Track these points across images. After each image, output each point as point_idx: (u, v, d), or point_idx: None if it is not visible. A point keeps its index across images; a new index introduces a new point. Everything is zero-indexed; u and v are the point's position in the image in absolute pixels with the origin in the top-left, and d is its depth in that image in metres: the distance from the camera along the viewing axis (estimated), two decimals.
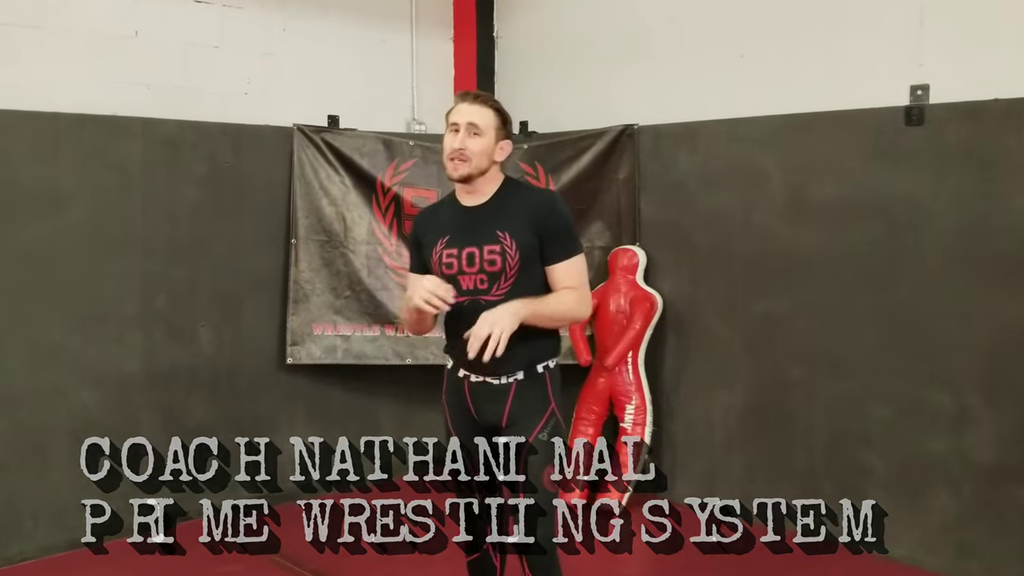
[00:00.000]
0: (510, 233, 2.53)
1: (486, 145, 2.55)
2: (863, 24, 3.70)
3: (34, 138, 3.78)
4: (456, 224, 2.61)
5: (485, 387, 2.57)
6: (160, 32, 4.12)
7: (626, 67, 4.57)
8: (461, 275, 2.56)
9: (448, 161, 2.56)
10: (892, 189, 3.62)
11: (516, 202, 2.60)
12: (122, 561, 3.19)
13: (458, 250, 2.56)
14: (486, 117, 2.57)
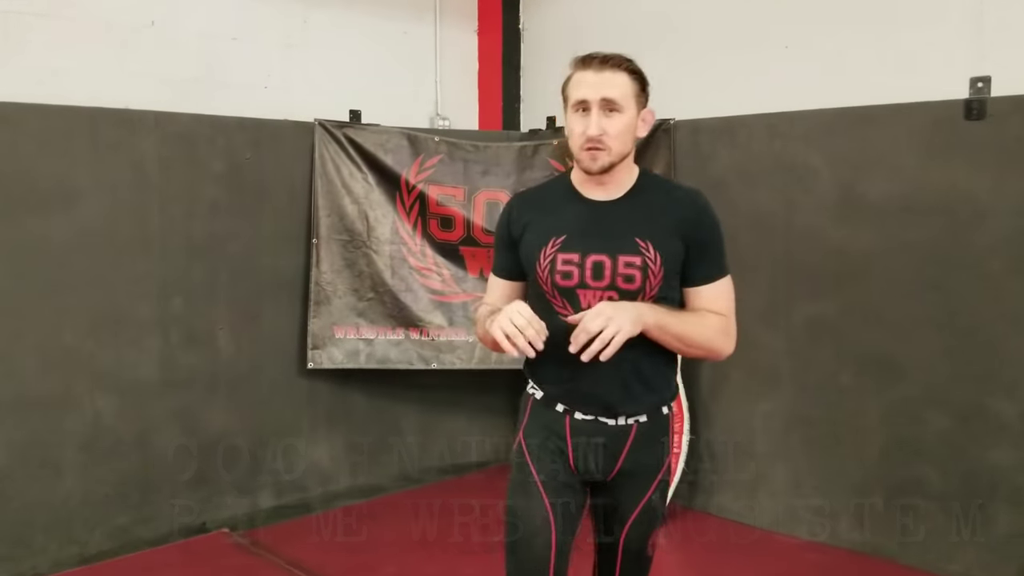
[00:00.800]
0: (653, 243, 2.03)
1: (628, 123, 2.04)
2: (919, 12, 3.50)
3: (45, 132, 3.60)
4: (578, 221, 2.09)
5: (595, 428, 2.07)
6: (177, 22, 3.95)
7: (661, 58, 4.35)
8: (582, 289, 2.05)
9: (583, 152, 2.03)
10: (950, 187, 3.43)
11: (659, 201, 2.10)
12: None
13: (581, 256, 2.05)
14: (623, 86, 2.03)
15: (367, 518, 4.26)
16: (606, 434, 2.08)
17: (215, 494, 4.15)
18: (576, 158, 2.06)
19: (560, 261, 2.06)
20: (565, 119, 2.10)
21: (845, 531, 3.80)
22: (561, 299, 2.07)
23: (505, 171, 4.50)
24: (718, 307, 2.10)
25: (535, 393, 2.18)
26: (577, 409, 2.09)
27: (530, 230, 2.14)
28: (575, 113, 2.05)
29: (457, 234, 4.47)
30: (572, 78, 2.06)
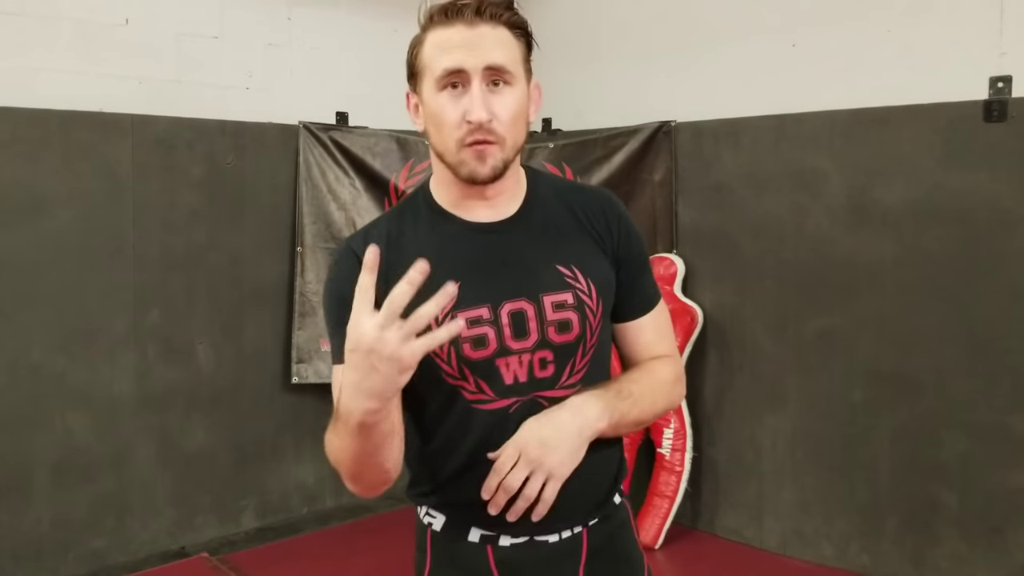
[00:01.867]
0: (580, 268, 1.47)
1: (522, 101, 1.44)
2: (935, 7, 3.32)
3: (12, 136, 3.41)
4: (467, 260, 1.44)
5: (532, 554, 1.46)
6: (153, 20, 3.75)
7: (662, 59, 4.19)
8: (503, 357, 1.41)
9: (464, 149, 1.38)
10: (969, 192, 3.23)
11: (568, 209, 1.52)
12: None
13: (492, 308, 1.42)
14: (510, 46, 1.43)
15: (354, 539, 4.08)
16: (549, 558, 1.46)
17: (194, 516, 3.96)
18: (452, 162, 1.40)
19: (464, 322, 1.35)
20: (421, 104, 1.45)
21: (855, 554, 3.61)
22: (474, 380, 1.41)
23: None
24: (665, 345, 1.58)
25: (433, 522, 1.52)
26: (501, 531, 1.45)
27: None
28: (441, 92, 1.39)
29: None
30: (429, 39, 1.42)
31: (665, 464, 3.96)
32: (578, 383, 1.45)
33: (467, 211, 1.48)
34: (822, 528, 3.72)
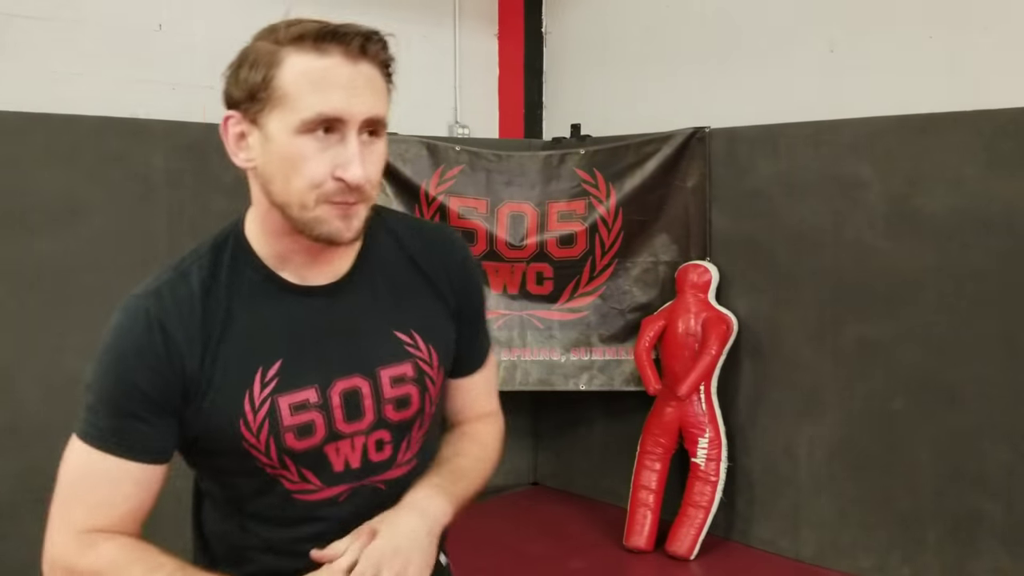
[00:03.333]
0: (423, 335, 1.34)
1: (386, 153, 1.30)
2: (978, 11, 3.29)
3: (47, 142, 3.39)
4: (295, 333, 1.27)
5: None
6: (186, 26, 3.74)
7: (694, 63, 4.17)
8: (332, 443, 1.27)
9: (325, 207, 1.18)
10: (1014, 200, 3.20)
11: (406, 259, 1.36)
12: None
13: (319, 391, 1.26)
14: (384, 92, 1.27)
15: None
16: None
17: None
18: (300, 216, 1.19)
19: (286, 408, 1.23)
20: (260, 135, 1.20)
21: (895, 566, 3.58)
22: (296, 470, 1.26)
23: (530, 182, 4.28)
24: (493, 401, 1.49)
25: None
26: None
27: (211, 367, 1.23)
28: (304, 135, 1.16)
29: (479, 248, 4.24)
30: (295, 63, 1.19)
31: (700, 474, 3.92)
32: (412, 458, 1.34)
33: (293, 270, 1.27)
34: (860, 539, 3.69)
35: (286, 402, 1.23)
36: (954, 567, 3.42)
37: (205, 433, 1.25)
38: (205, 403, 1.23)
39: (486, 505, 4.62)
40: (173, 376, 1.22)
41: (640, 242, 4.19)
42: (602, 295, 4.25)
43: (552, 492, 4.78)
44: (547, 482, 4.87)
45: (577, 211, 4.22)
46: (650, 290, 4.19)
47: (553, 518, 4.41)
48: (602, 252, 4.21)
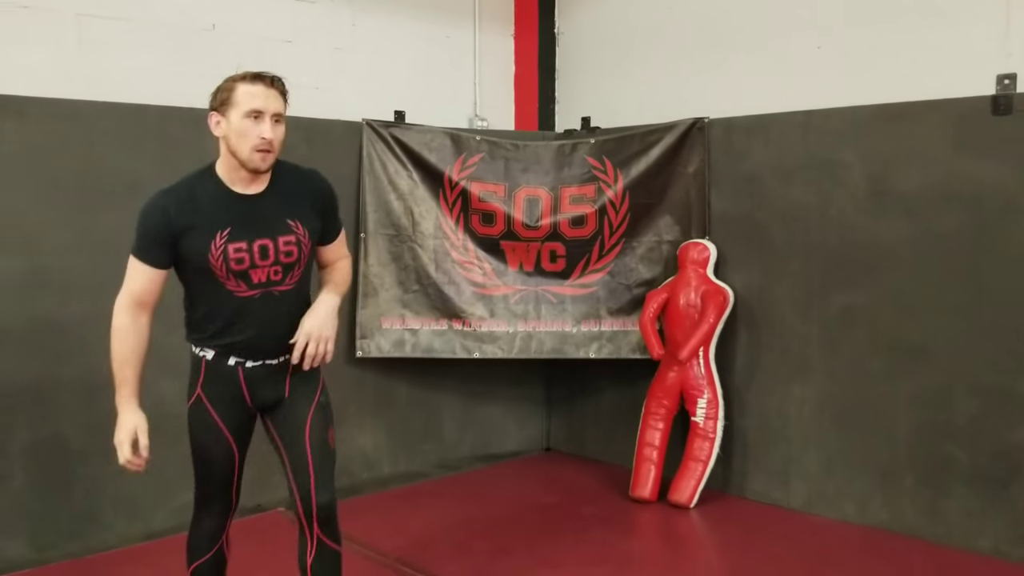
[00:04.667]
0: (302, 222, 2.53)
1: (283, 132, 2.51)
2: (947, 11, 3.69)
3: (117, 128, 3.81)
4: (238, 215, 2.47)
5: (263, 370, 2.58)
6: (236, 25, 4.15)
7: (694, 60, 4.57)
8: (253, 269, 2.47)
9: (255, 153, 2.42)
10: (979, 179, 3.61)
11: (295, 187, 2.59)
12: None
13: (247, 243, 2.45)
14: (282, 104, 2.53)
15: (413, 500, 4.44)
16: (272, 372, 2.60)
17: (269, 476, 4.31)
18: (244, 158, 2.44)
19: (231, 250, 2.44)
20: (226, 122, 2.47)
21: (875, 511, 3.97)
22: (235, 279, 2.48)
23: (544, 169, 4.69)
24: (343, 249, 2.75)
25: (206, 355, 2.63)
26: (247, 359, 2.57)
27: (192, 228, 2.44)
28: (249, 119, 2.43)
29: (498, 229, 4.66)
30: (240, 89, 2.48)
31: (699, 431, 4.32)
32: (296, 283, 2.55)
33: (239, 185, 2.52)
34: (844, 488, 4.08)
35: (232, 247, 2.46)
36: (927, 509, 3.81)
37: (188, 258, 2.49)
38: (187, 243, 2.46)
39: (503, 467, 5.05)
40: (168, 231, 2.47)
41: (645, 223, 4.59)
42: (610, 271, 4.66)
43: (564, 456, 5.18)
44: (559, 447, 5.26)
45: (587, 195, 4.63)
46: (654, 267, 4.59)
47: (565, 476, 4.81)
48: (610, 232, 4.62)
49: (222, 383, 2.61)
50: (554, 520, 4.15)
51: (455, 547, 3.81)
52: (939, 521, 3.79)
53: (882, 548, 3.81)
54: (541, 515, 4.22)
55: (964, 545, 3.70)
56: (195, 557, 2.80)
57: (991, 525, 3.65)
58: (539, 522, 4.13)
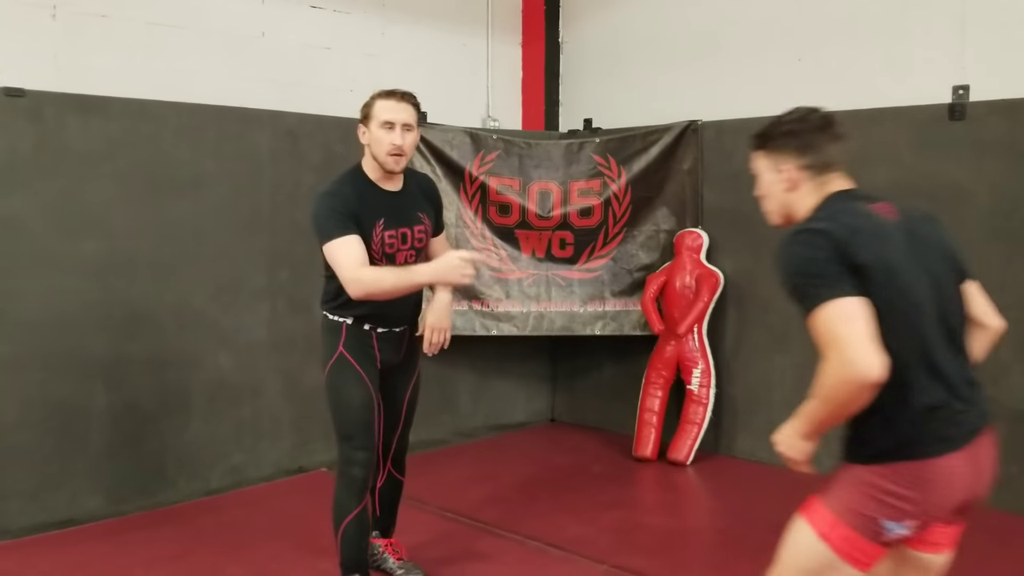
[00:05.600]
0: (426, 215, 3.11)
1: (415, 139, 3.01)
2: (910, 30, 4.28)
3: (179, 124, 4.25)
4: (387, 208, 2.98)
5: (388, 335, 3.09)
6: (282, 33, 4.61)
7: (689, 68, 5.12)
8: (398, 253, 3.02)
9: (389, 156, 2.93)
10: (938, 175, 4.20)
11: (418, 188, 3.14)
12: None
13: (395, 231, 2.99)
14: (414, 114, 2.98)
15: (440, 462, 4.94)
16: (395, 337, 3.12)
17: (308, 442, 4.80)
18: (381, 160, 2.96)
19: (387, 237, 2.98)
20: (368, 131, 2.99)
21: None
22: (385, 261, 3.00)
23: (555, 165, 5.21)
24: (446, 243, 3.34)
25: (345, 321, 3.06)
26: (378, 326, 3.06)
27: (362, 215, 2.92)
28: (384, 129, 2.93)
29: (514, 219, 5.17)
30: (377, 104, 2.97)
31: (694, 398, 4.88)
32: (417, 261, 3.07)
33: (384, 183, 3.04)
34: (823, 446, 4.62)
35: (387, 234, 2.99)
36: None
37: (365, 238, 2.94)
38: (360, 227, 2.90)
39: (513, 435, 5.58)
40: (351, 211, 2.92)
41: (645, 214, 5.14)
42: (614, 257, 5.20)
43: (568, 426, 5.71)
44: (563, 419, 5.80)
45: (594, 188, 5.17)
46: (653, 253, 5.14)
47: (572, 442, 5.34)
48: (614, 222, 5.16)
49: (360, 343, 3.06)
50: (568, 476, 4.67)
51: (488, 497, 4.33)
52: None
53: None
54: (556, 473, 4.75)
55: None
56: (343, 514, 3.06)
57: None
58: (555, 478, 4.65)
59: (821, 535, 1.96)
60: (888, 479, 1.90)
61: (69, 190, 3.93)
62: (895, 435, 1.91)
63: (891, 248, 1.99)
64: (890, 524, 1.91)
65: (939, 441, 1.90)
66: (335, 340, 3.08)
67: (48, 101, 3.85)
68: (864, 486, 1.95)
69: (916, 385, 1.90)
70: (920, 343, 1.93)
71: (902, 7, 4.33)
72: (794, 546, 2.04)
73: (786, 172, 2.14)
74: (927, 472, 1.88)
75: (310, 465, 4.76)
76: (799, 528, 2.05)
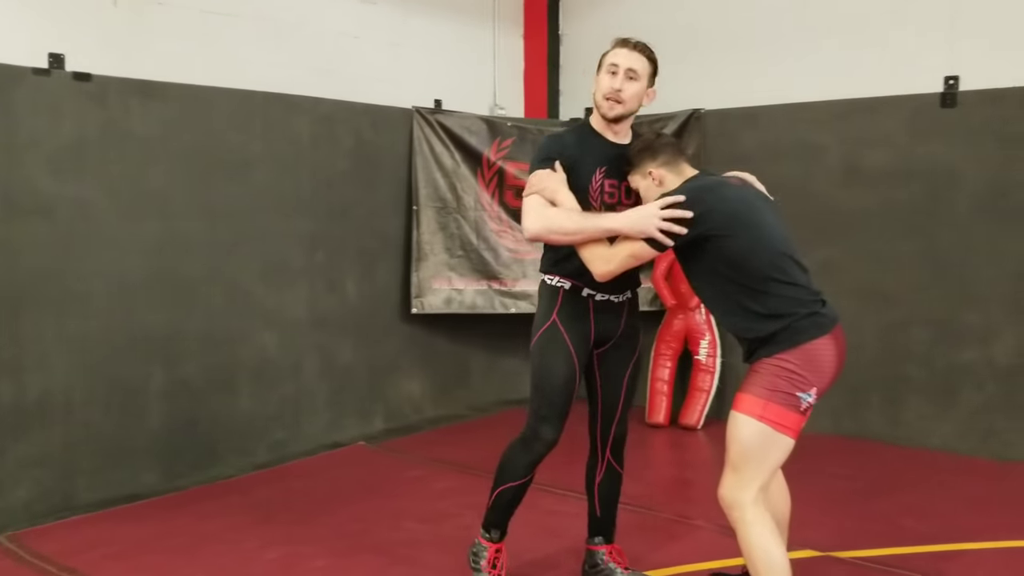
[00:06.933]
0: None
1: (640, 90, 2.79)
2: (905, 23, 4.72)
3: (230, 111, 4.37)
4: (610, 157, 2.80)
5: (607, 304, 2.86)
6: (318, 21, 4.76)
7: (691, 61, 5.47)
8: (619, 205, 2.80)
9: (604, 100, 2.76)
10: (931, 158, 4.66)
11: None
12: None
13: (618, 182, 2.81)
14: (643, 64, 2.79)
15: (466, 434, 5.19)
16: (614, 306, 2.90)
17: (343, 417, 4.98)
18: (599, 104, 2.80)
19: (607, 185, 2.81)
20: (597, 76, 2.86)
21: (845, 423, 4.98)
22: (602, 208, 2.81)
23: None
24: None
25: (563, 285, 2.87)
26: (597, 293, 2.85)
27: (578, 160, 2.79)
28: (607, 74, 2.79)
29: None
30: (610, 51, 2.83)
31: (702, 367, 5.25)
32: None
33: (607, 134, 2.87)
34: (820, 406, 4.93)
35: (607, 183, 2.84)
36: (889, 419, 4.85)
37: (578, 184, 2.78)
38: (572, 175, 2.77)
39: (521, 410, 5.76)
40: (564, 156, 2.79)
41: None
42: None
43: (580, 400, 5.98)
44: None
45: None
46: None
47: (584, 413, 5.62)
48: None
49: (575, 312, 2.84)
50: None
51: None
52: (899, 427, 4.84)
53: (852, 450, 4.81)
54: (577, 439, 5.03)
55: (920, 444, 4.76)
56: (507, 479, 2.96)
57: (940, 427, 4.72)
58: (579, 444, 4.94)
59: (758, 418, 2.56)
60: (790, 362, 2.55)
61: (130, 173, 4.02)
62: (788, 330, 2.57)
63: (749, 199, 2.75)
64: (802, 395, 2.58)
65: (815, 328, 2.60)
66: (550, 306, 2.89)
67: (112, 86, 3.94)
68: (777, 371, 2.57)
69: (788, 293, 2.59)
70: (782, 263, 2.62)
71: (897, 2, 4.76)
72: (738, 436, 2.59)
73: (651, 173, 2.74)
74: (812, 351, 2.58)
75: (344, 440, 4.94)
76: (738, 421, 2.61)
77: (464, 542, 3.49)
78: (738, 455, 2.59)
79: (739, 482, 2.59)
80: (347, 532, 3.66)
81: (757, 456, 2.57)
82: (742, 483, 2.58)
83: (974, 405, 4.65)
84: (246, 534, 3.63)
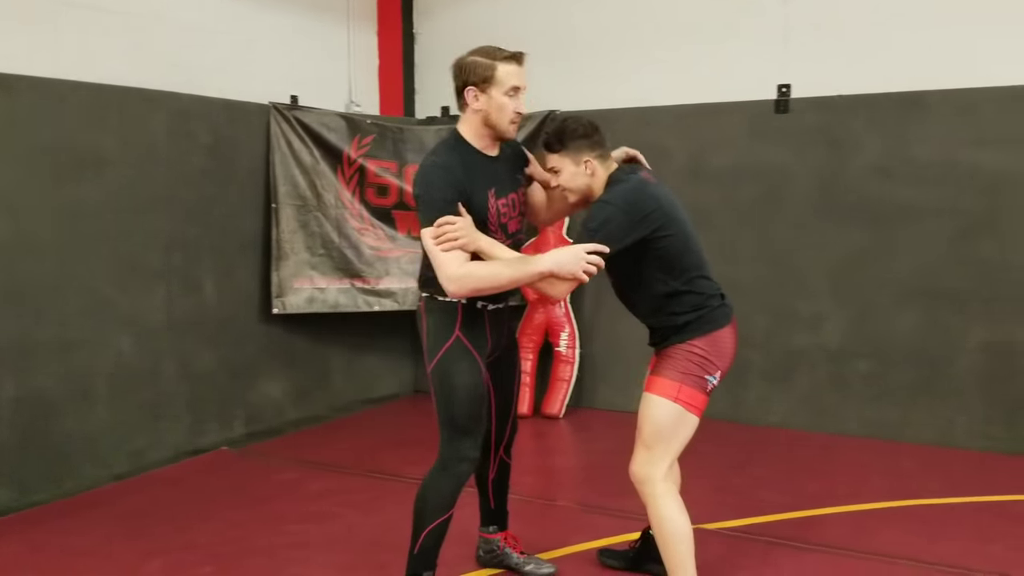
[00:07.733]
0: (523, 177, 2.97)
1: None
2: (741, 35, 5.10)
3: (83, 105, 4.15)
4: (494, 174, 2.77)
5: (496, 312, 2.89)
6: (175, 15, 4.60)
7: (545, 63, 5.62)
8: (510, 220, 2.83)
9: (511, 125, 2.74)
10: (766, 159, 5.06)
11: (508, 149, 2.90)
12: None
13: (507, 199, 2.80)
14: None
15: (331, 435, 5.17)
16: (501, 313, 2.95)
17: (204, 422, 4.83)
18: (501, 128, 2.75)
19: (501, 206, 2.79)
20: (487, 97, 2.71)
21: None
22: (500, 230, 2.82)
23: (428, 149, 5.49)
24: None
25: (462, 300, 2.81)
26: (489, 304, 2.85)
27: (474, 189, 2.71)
28: (508, 96, 2.71)
29: (391, 200, 5.46)
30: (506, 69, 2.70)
31: (563, 358, 5.47)
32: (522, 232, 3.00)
33: (485, 148, 2.81)
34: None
35: (500, 202, 2.81)
36: (732, 400, 5.24)
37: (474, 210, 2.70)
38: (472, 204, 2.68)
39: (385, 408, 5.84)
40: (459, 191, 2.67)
41: None
42: None
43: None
44: (426, 389, 6.14)
45: None
46: None
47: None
48: None
49: (475, 324, 2.82)
50: None
51: (401, 459, 4.63)
52: (741, 408, 5.23)
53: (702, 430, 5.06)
54: None
55: (760, 422, 5.17)
56: (434, 515, 2.82)
57: (778, 406, 5.15)
58: None
59: (673, 399, 2.81)
60: (700, 347, 2.83)
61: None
62: (700, 320, 2.85)
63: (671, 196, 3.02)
64: (710, 377, 2.86)
65: (723, 317, 2.92)
66: (449, 323, 2.81)
67: None
68: (688, 355, 2.82)
69: (703, 287, 2.88)
70: (698, 259, 2.91)
71: (734, 15, 5.13)
72: (652, 416, 2.84)
73: (588, 163, 2.85)
74: (718, 338, 2.88)
75: (205, 446, 4.80)
76: (652, 402, 2.86)
77: (353, 540, 3.53)
78: (651, 434, 2.82)
79: (651, 459, 2.82)
80: (228, 538, 3.59)
81: (669, 435, 2.82)
82: (653, 460, 2.81)
83: (807, 385, 5.11)
84: (120, 546, 3.49)
